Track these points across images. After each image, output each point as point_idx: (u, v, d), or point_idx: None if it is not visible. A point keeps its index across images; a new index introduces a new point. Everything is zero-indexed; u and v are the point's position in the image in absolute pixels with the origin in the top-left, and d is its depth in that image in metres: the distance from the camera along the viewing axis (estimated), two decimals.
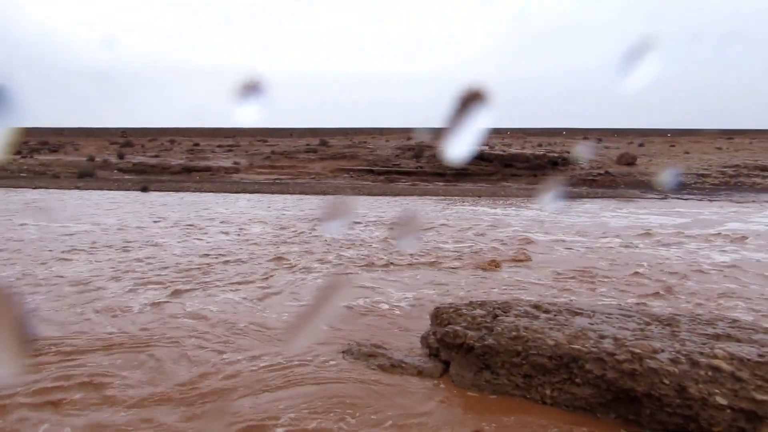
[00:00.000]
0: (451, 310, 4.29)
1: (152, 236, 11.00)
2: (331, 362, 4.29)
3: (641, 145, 35.63)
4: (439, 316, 4.31)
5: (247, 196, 19.76)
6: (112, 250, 9.30)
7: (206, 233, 11.36)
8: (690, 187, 23.00)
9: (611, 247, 9.82)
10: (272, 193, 20.60)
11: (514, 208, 16.84)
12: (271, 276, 7.65)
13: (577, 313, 4.05)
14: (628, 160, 27.61)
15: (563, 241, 10.41)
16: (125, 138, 44.07)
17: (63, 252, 9.09)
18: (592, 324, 3.80)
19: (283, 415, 3.45)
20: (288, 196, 19.69)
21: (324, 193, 21.00)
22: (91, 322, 5.40)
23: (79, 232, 11.26)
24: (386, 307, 6.04)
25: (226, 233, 11.36)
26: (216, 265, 8.16)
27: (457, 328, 3.97)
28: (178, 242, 10.28)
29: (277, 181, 25.33)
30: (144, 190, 20.45)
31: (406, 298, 6.42)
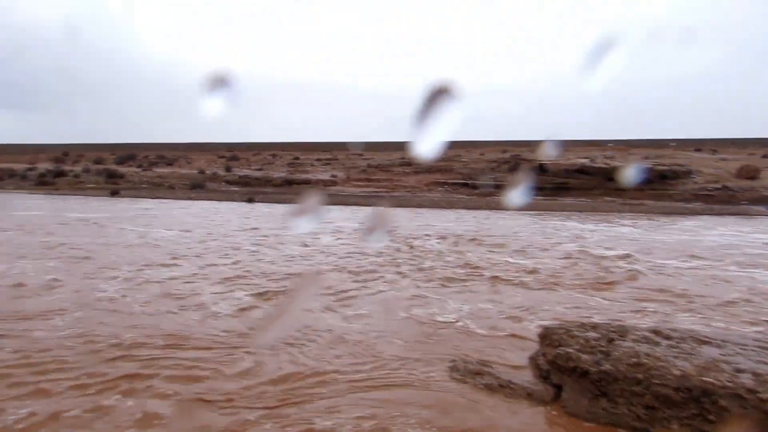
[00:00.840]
0: (562, 331, 4.14)
1: (252, 243, 12.04)
2: (437, 378, 4.39)
3: (766, 156, 32.84)
4: (548, 336, 4.18)
5: (344, 208, 20.70)
6: (215, 256, 10.37)
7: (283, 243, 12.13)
8: None
9: (728, 270, 9.34)
10: (368, 205, 21.43)
11: (616, 225, 16.38)
12: (363, 288, 8.20)
13: (703, 342, 3.75)
14: (750, 173, 25.61)
15: (673, 262, 10.09)
16: (232, 152, 47.26)
17: (171, 257, 10.30)
18: (724, 355, 3.49)
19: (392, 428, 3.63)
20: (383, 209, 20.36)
21: (419, 206, 21.56)
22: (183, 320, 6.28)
23: (188, 237, 12.61)
24: (489, 323, 6.18)
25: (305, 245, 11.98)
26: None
27: (570, 350, 3.82)
28: (271, 251, 11.19)
29: (373, 193, 26.22)
30: (250, 201, 22.15)
31: (508, 315, 6.49)
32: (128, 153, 47.42)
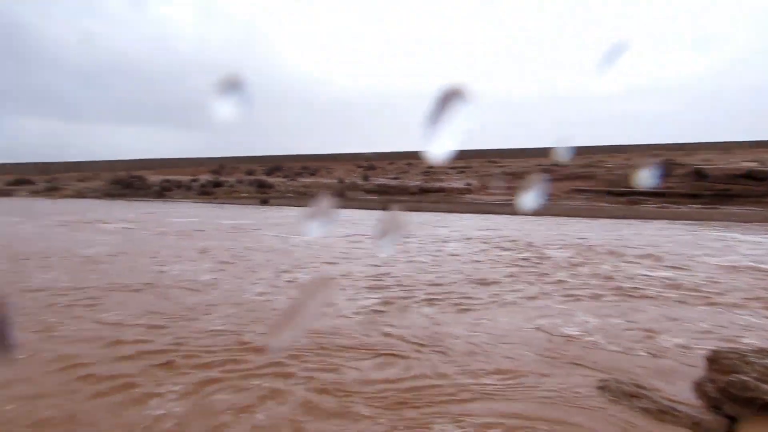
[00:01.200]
0: (735, 356, 3.80)
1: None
2: (584, 395, 4.30)
3: None
4: (718, 361, 3.83)
5: (477, 216, 20.67)
6: (350, 261, 10.99)
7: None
8: None
9: None
10: (504, 214, 21.19)
11: None
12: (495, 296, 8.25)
13: None
14: None
15: None
16: (369, 161, 49.16)
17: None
18: None
19: None
20: (520, 218, 20.01)
21: (558, 215, 20.86)
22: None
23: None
24: (640, 342, 5.93)
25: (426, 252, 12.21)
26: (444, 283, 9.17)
27: (746, 378, 3.50)
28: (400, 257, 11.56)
29: (508, 202, 25.84)
30: (386, 209, 22.91)
31: (661, 334, 6.20)
32: (276, 164, 51.42)
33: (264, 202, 29.05)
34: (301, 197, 31.54)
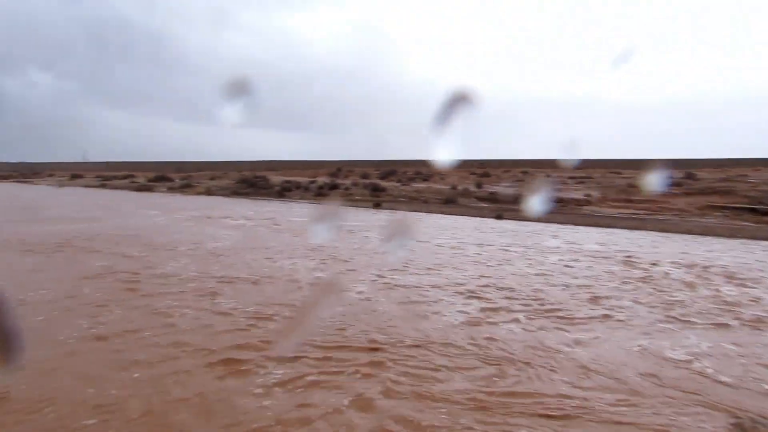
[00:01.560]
0: None
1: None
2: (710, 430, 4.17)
3: None
4: None
5: (596, 229, 19.64)
6: (447, 266, 10.99)
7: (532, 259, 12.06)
8: None
9: None
10: (626, 228, 19.97)
11: None
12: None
13: None
14: None
15: None
16: (483, 169, 48.50)
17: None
18: None
19: None
20: (644, 233, 18.73)
21: (688, 232, 19.27)
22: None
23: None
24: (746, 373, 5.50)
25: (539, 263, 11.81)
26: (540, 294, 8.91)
27: None
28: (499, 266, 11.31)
29: (632, 216, 24.29)
30: (498, 217, 22.54)
31: None
32: (390, 169, 52.42)
33: (376, 205, 29.74)
34: (413, 202, 31.87)
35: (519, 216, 23.47)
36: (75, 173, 72.18)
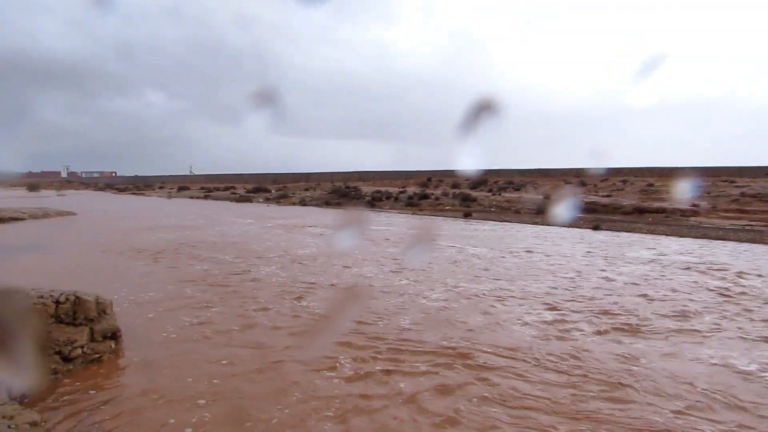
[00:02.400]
0: None
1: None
2: None
3: None
4: None
5: (704, 241, 18.35)
6: (528, 277, 10.81)
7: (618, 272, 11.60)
8: None
9: None
10: (739, 241, 18.51)
11: None
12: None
13: None
14: None
15: None
16: (579, 178, 46.85)
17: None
18: None
19: None
20: (760, 246, 17.27)
21: None
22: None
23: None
24: None
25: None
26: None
27: None
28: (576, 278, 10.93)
29: (746, 227, 22.46)
30: (596, 228, 21.68)
31: None
32: (481, 178, 51.86)
33: (467, 215, 29.58)
34: (504, 212, 31.37)
35: (618, 227, 22.46)
36: (182, 185, 77.73)
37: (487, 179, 51.84)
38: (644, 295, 9.41)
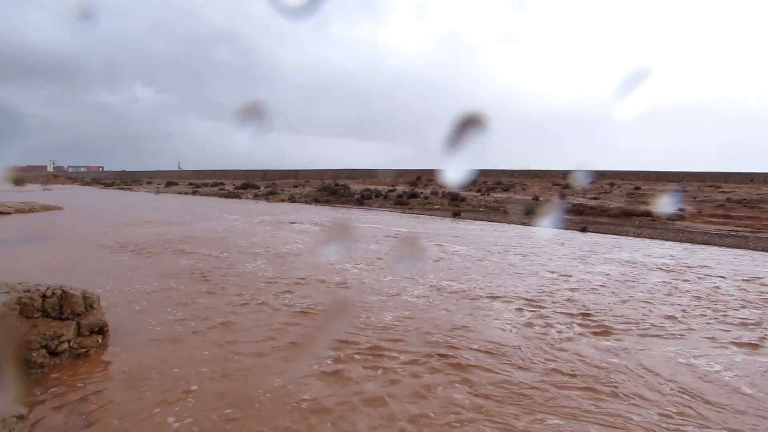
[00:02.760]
0: None
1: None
2: None
3: None
4: None
5: (690, 245, 18.58)
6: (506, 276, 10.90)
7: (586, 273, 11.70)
8: None
9: None
10: (723, 246, 18.77)
11: None
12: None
13: None
14: None
15: None
16: (566, 180, 47.21)
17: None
18: None
19: None
20: (742, 252, 17.53)
21: None
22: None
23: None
24: None
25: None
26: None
27: None
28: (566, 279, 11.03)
29: (731, 233, 22.78)
30: (583, 230, 21.89)
31: None
32: (470, 179, 52.01)
33: (455, 214, 29.71)
34: (493, 212, 31.53)
35: (605, 230, 22.68)
36: (170, 181, 77.14)
37: (476, 179, 52.05)
38: (622, 296, 9.57)
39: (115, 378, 5.34)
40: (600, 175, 50.39)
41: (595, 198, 35.38)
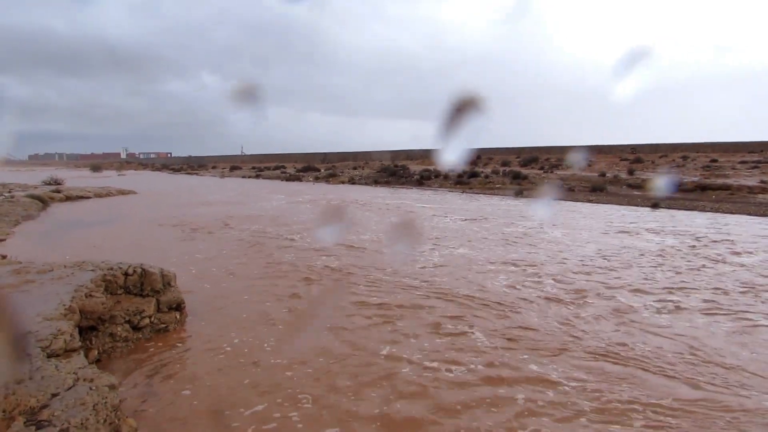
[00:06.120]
0: None
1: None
2: None
3: None
4: None
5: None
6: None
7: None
8: None
9: None
10: None
11: None
12: None
13: None
14: None
15: None
16: (635, 154, 45.29)
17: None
18: None
19: None
20: None
21: None
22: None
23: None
24: None
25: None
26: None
27: None
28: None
29: None
30: (654, 206, 20.88)
31: None
32: (531, 156, 50.78)
33: (518, 193, 29.01)
34: (556, 190, 30.58)
35: (679, 205, 21.55)
36: (234, 165, 79.41)
37: (539, 156, 50.68)
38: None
39: (196, 352, 5.51)
40: (672, 148, 47.98)
41: (667, 173, 33.71)
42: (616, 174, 34.22)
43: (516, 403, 4.35)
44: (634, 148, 53.08)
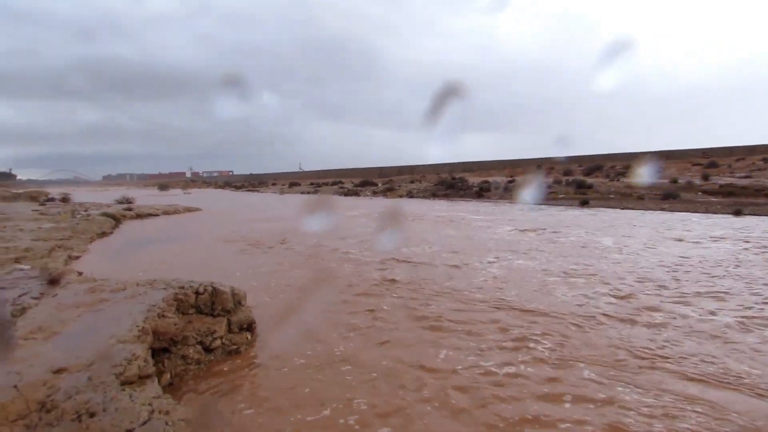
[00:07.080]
0: None
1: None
2: None
3: None
4: None
5: None
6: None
7: None
8: None
9: None
10: None
11: None
12: None
13: None
14: None
15: None
16: (708, 158, 42.95)
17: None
18: None
19: None
20: None
21: None
22: None
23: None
24: None
25: None
26: None
27: None
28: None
29: None
30: (737, 213, 19.48)
31: None
32: (595, 164, 49.04)
33: (583, 203, 27.91)
34: (625, 198, 29.27)
35: (765, 211, 20.03)
36: (293, 181, 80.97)
37: (603, 165, 48.92)
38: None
39: (269, 377, 5.28)
40: (749, 151, 45.14)
41: (746, 177, 31.63)
42: (689, 180, 32.42)
43: None
44: (705, 152, 50.33)
